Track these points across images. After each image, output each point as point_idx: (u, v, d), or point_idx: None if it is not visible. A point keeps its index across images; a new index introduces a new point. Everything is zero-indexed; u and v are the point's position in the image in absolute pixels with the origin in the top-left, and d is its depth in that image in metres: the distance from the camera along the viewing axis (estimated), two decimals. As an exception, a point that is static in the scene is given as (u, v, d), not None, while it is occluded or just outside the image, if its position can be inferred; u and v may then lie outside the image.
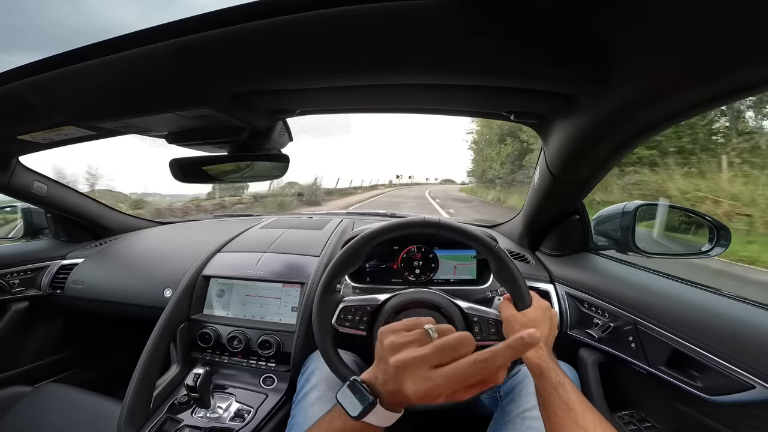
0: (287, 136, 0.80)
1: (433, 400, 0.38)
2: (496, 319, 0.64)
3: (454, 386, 0.37)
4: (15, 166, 1.01)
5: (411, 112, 0.72)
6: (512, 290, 0.64)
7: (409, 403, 0.40)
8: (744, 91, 0.42)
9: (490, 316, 0.64)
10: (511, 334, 0.50)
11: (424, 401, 0.38)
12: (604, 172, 0.73)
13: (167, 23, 0.41)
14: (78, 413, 0.87)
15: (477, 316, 0.64)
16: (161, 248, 1.26)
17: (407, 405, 0.41)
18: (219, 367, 0.93)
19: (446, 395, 0.37)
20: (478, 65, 0.46)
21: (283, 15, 0.38)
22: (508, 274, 0.64)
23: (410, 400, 0.38)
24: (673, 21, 0.34)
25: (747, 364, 0.53)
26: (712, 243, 0.84)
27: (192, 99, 0.54)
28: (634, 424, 0.74)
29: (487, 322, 0.64)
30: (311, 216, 1.49)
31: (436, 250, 0.96)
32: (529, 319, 0.58)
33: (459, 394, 0.38)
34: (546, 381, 0.50)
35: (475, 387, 0.38)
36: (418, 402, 0.38)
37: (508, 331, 0.58)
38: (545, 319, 0.60)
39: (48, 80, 0.50)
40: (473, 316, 0.65)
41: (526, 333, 0.36)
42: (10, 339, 1.15)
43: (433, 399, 0.38)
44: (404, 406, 0.42)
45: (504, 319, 0.61)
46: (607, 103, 0.51)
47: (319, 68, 0.48)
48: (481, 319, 0.64)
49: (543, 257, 1.03)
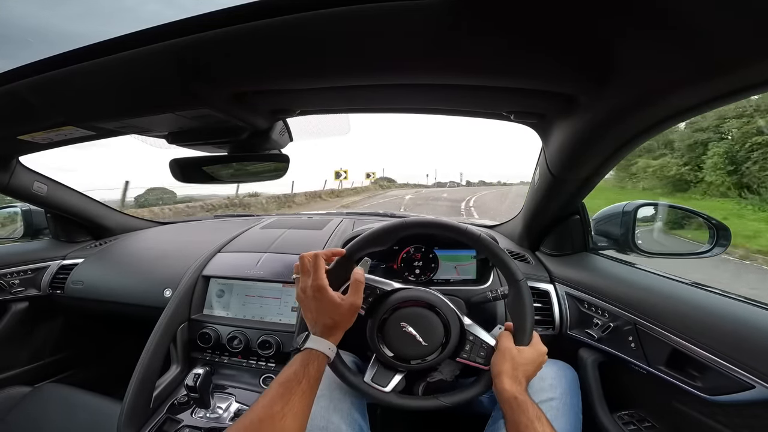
0: (287, 136, 0.80)
1: (311, 319, 0.58)
2: (489, 346, 0.64)
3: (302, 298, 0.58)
4: (15, 166, 1.01)
5: (411, 112, 0.72)
6: (519, 325, 0.64)
7: (320, 325, 0.57)
8: (744, 91, 0.42)
9: (485, 340, 0.64)
10: (503, 365, 0.58)
11: (310, 320, 0.58)
12: (604, 172, 0.73)
13: (167, 23, 0.41)
14: (78, 413, 0.87)
15: (473, 336, 0.65)
16: (161, 248, 1.26)
17: (324, 328, 0.56)
18: (219, 368, 0.93)
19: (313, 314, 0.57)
20: (478, 65, 0.46)
21: (283, 15, 0.38)
22: (522, 309, 0.64)
23: (311, 321, 0.58)
24: (672, 22, 0.34)
25: (746, 363, 0.53)
26: (711, 243, 0.84)
27: (192, 99, 0.54)
28: (633, 423, 0.75)
29: (480, 345, 0.64)
30: (311, 216, 1.49)
31: (436, 250, 0.96)
32: (523, 357, 0.60)
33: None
34: (523, 413, 0.52)
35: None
36: (319, 323, 0.57)
37: (500, 361, 0.59)
38: (536, 362, 0.61)
39: (48, 80, 0.50)
40: (470, 335, 0.65)
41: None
42: (10, 339, 1.15)
43: (309, 317, 0.58)
44: (325, 330, 0.56)
45: (500, 349, 0.61)
46: (607, 103, 0.51)
47: (319, 68, 0.48)
48: (476, 340, 0.64)
49: (543, 257, 1.03)
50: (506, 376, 0.56)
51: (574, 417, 0.64)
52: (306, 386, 0.50)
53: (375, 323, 0.65)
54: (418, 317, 0.64)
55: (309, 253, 0.60)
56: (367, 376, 0.65)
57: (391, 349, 0.64)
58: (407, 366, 0.64)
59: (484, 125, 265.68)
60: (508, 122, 0.70)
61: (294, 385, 0.49)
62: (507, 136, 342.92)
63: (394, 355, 0.63)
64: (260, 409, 0.46)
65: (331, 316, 0.56)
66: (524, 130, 0.73)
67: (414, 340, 0.62)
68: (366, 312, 0.67)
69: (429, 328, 0.63)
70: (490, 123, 0.94)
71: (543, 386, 0.67)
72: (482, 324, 0.67)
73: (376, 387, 0.63)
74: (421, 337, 0.62)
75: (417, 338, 0.62)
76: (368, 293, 0.66)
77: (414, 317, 0.64)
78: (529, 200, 0.98)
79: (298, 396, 0.48)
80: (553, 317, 0.88)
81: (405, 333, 0.63)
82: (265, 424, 0.45)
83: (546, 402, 0.64)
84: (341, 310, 0.57)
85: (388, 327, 0.64)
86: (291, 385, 0.49)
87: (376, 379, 0.64)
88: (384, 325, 0.64)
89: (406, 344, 0.63)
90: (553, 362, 0.74)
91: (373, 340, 0.65)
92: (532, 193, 0.94)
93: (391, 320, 0.64)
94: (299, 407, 0.48)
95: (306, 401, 0.49)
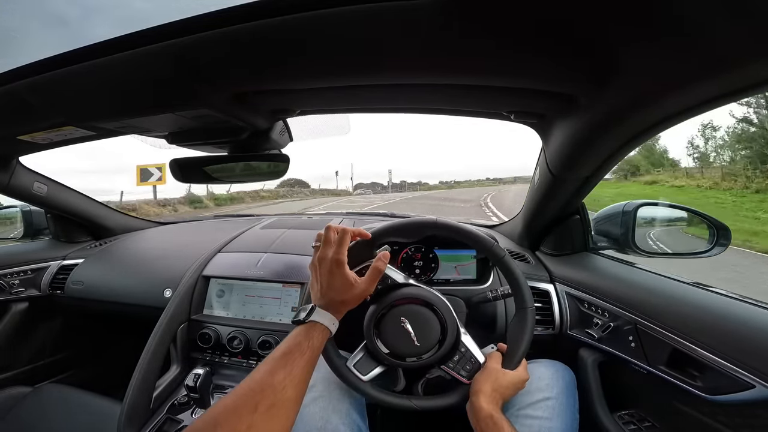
0: (287, 136, 0.80)
1: (318, 290, 0.57)
2: (477, 363, 0.64)
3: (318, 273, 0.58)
4: (15, 166, 1.01)
5: (411, 112, 0.72)
6: (513, 349, 0.65)
7: (327, 299, 0.56)
8: (744, 91, 0.42)
9: (475, 356, 0.65)
10: (485, 384, 0.59)
11: (317, 291, 0.58)
12: (604, 172, 0.73)
13: (167, 23, 0.41)
14: (78, 413, 0.87)
15: (465, 348, 0.65)
16: (161, 248, 1.26)
17: (331, 302, 0.56)
18: (219, 368, 0.93)
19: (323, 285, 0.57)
20: (477, 65, 0.46)
21: (283, 15, 0.38)
22: (521, 335, 0.64)
23: (318, 292, 0.57)
24: (673, 22, 0.34)
25: (747, 363, 0.53)
26: (711, 243, 0.84)
27: (192, 99, 0.54)
28: (634, 423, 0.75)
29: (469, 359, 0.64)
30: (311, 216, 1.49)
31: (436, 250, 0.96)
32: (505, 379, 0.61)
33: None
34: (500, 431, 0.54)
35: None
36: (326, 297, 0.56)
37: (483, 380, 0.60)
38: (516, 387, 0.63)
39: (48, 80, 0.50)
40: (462, 346, 0.65)
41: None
42: (10, 339, 1.15)
43: (317, 288, 0.58)
44: (331, 304, 0.56)
45: (487, 368, 0.62)
46: (607, 104, 0.51)
47: (319, 68, 0.48)
48: (466, 353, 0.65)
49: (543, 257, 1.04)
50: (484, 395, 0.58)
51: (570, 417, 0.64)
52: (309, 357, 0.50)
53: (377, 312, 0.65)
54: (420, 317, 0.64)
55: (337, 226, 0.60)
56: (350, 362, 0.65)
57: (384, 340, 0.64)
58: (392, 360, 0.64)
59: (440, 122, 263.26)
60: (508, 122, 0.70)
61: (297, 356, 0.49)
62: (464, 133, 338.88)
63: (384, 346, 0.64)
64: (262, 376, 0.46)
65: (340, 293, 0.56)
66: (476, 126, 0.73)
67: (408, 338, 0.63)
68: (372, 299, 0.67)
69: (426, 329, 0.64)
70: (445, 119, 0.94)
71: (540, 386, 0.67)
72: (482, 325, 0.67)
73: (356, 373, 0.64)
74: (416, 336, 0.63)
75: (411, 336, 0.62)
76: (381, 280, 0.66)
77: (415, 316, 0.64)
78: (529, 200, 0.98)
79: (300, 367, 0.48)
80: (553, 317, 0.88)
81: (402, 328, 0.63)
82: (266, 393, 0.44)
83: (542, 401, 0.64)
84: (354, 292, 0.57)
85: (388, 318, 0.64)
86: (294, 356, 0.49)
87: (358, 366, 0.65)
88: (385, 316, 0.65)
89: (400, 339, 0.63)
90: (551, 363, 0.74)
91: (369, 328, 0.65)
92: (532, 193, 0.94)
93: (393, 313, 0.65)
94: (300, 378, 0.48)
95: (307, 372, 0.49)
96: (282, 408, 0.44)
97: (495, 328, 0.87)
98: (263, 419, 0.42)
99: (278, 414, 0.43)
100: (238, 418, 0.41)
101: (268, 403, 0.43)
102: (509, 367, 0.63)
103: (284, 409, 0.44)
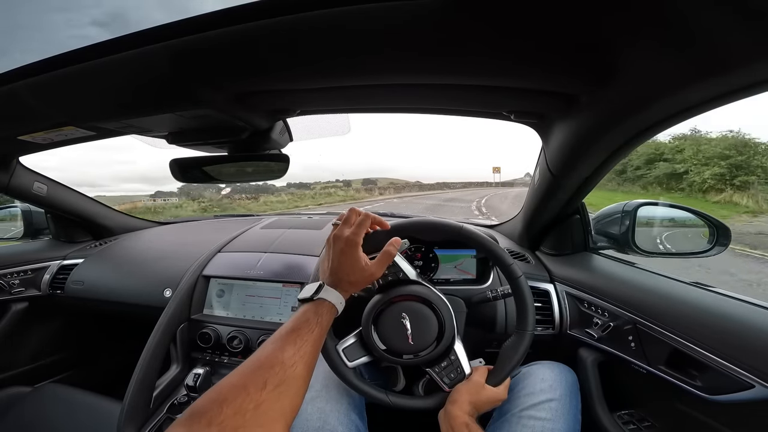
0: (287, 136, 0.80)
1: (328, 268, 0.58)
2: (463, 373, 0.64)
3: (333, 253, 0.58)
4: (15, 166, 1.01)
5: (411, 112, 0.72)
6: (501, 367, 0.65)
7: (336, 278, 0.56)
8: (744, 91, 0.42)
9: (463, 365, 0.65)
10: (464, 395, 0.60)
11: (327, 269, 0.58)
12: (604, 172, 0.73)
13: (167, 24, 0.41)
14: (78, 413, 0.87)
15: (456, 356, 0.65)
16: (161, 248, 1.26)
17: (339, 281, 0.56)
18: (219, 368, 0.93)
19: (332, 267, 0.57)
20: (477, 65, 0.46)
21: (283, 15, 0.38)
22: (513, 356, 0.64)
23: (327, 269, 0.58)
24: (673, 22, 0.34)
25: (746, 363, 0.53)
26: (711, 242, 0.84)
27: (192, 99, 0.54)
28: (633, 423, 0.74)
29: (456, 368, 0.64)
30: (311, 216, 1.49)
31: (436, 250, 0.96)
32: (485, 394, 0.62)
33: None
34: None
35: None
36: (335, 275, 0.56)
37: (464, 391, 0.61)
38: (492, 403, 0.63)
39: (48, 81, 0.50)
40: (453, 354, 0.65)
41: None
42: (10, 339, 1.16)
43: (326, 265, 0.59)
44: (339, 283, 0.56)
45: (471, 380, 0.63)
46: (607, 104, 0.51)
47: (319, 68, 0.48)
48: (455, 361, 0.65)
49: (543, 257, 1.03)
50: (461, 405, 0.59)
51: (573, 419, 0.64)
52: (318, 334, 0.49)
53: (381, 301, 0.65)
54: (420, 316, 0.64)
55: (360, 210, 0.62)
56: (339, 345, 0.66)
57: (381, 331, 0.64)
58: (383, 354, 0.64)
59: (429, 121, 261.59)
60: (509, 122, 0.70)
61: (306, 333, 0.48)
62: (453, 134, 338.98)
63: (379, 337, 0.64)
64: (270, 352, 0.44)
65: (349, 273, 0.57)
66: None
67: (404, 334, 0.63)
68: (380, 288, 0.67)
69: (425, 330, 0.64)
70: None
71: (543, 387, 0.67)
72: (481, 324, 0.67)
73: (343, 358, 0.64)
74: (412, 334, 0.63)
75: (408, 333, 0.63)
76: (393, 271, 0.67)
77: (416, 314, 0.64)
78: (529, 200, 0.98)
79: (310, 344, 0.47)
80: (553, 317, 0.88)
81: (401, 324, 0.63)
82: (276, 370, 0.42)
83: (545, 403, 0.64)
84: (363, 274, 0.57)
85: (390, 312, 0.65)
86: (303, 333, 0.48)
87: (347, 351, 0.65)
88: (387, 308, 0.65)
89: (396, 333, 0.64)
90: (554, 364, 0.74)
91: (368, 317, 0.65)
92: (532, 193, 0.94)
93: (396, 307, 0.65)
94: (310, 355, 0.47)
95: (316, 350, 0.49)
96: (292, 386, 0.43)
97: (494, 327, 0.87)
98: (272, 397, 0.40)
99: (288, 392, 0.42)
100: (246, 395, 0.38)
101: (277, 381, 0.41)
102: (493, 384, 0.63)
103: (294, 387, 0.43)
